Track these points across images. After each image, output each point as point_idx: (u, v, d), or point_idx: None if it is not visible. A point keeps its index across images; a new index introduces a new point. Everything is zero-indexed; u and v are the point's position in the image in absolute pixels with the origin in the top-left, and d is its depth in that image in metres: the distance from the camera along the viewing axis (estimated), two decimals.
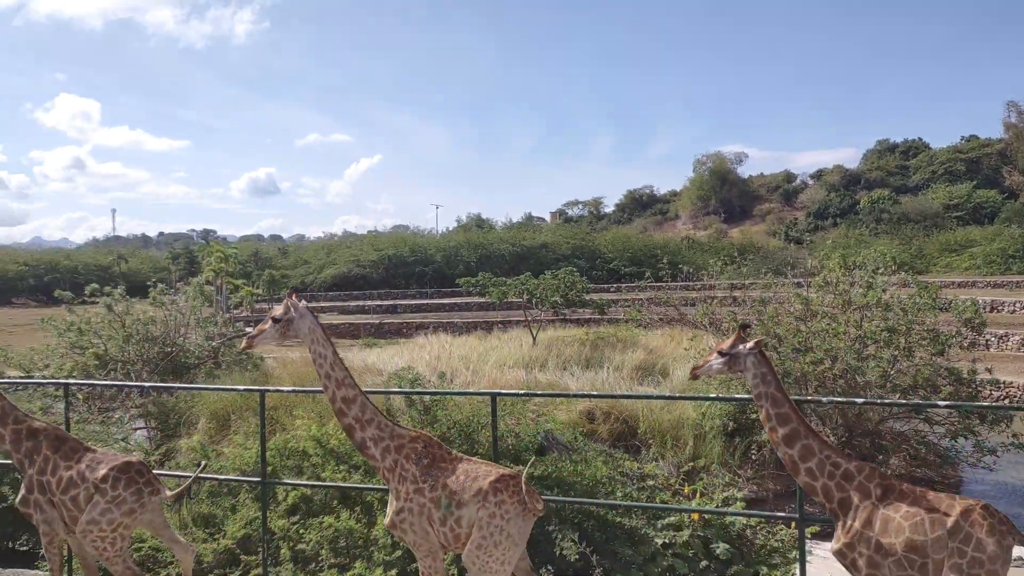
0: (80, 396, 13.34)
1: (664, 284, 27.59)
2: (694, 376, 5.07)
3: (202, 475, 7.83)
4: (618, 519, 7.23)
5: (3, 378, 12.94)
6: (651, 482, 8.61)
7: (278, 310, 5.34)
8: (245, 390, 8.94)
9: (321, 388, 5.23)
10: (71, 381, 9.56)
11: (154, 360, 15.45)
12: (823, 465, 4.58)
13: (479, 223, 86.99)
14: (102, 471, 5.58)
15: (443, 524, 4.94)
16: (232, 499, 7.82)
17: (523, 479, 4.87)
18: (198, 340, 16.87)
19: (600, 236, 72.84)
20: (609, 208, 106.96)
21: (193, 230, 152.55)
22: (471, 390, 11.21)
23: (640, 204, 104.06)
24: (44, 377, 13.52)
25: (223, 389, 11.09)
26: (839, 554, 4.55)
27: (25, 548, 8.52)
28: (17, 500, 5.87)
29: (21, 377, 13.40)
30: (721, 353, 4.88)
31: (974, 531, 4.17)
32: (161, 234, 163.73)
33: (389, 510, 5.14)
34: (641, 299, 23.15)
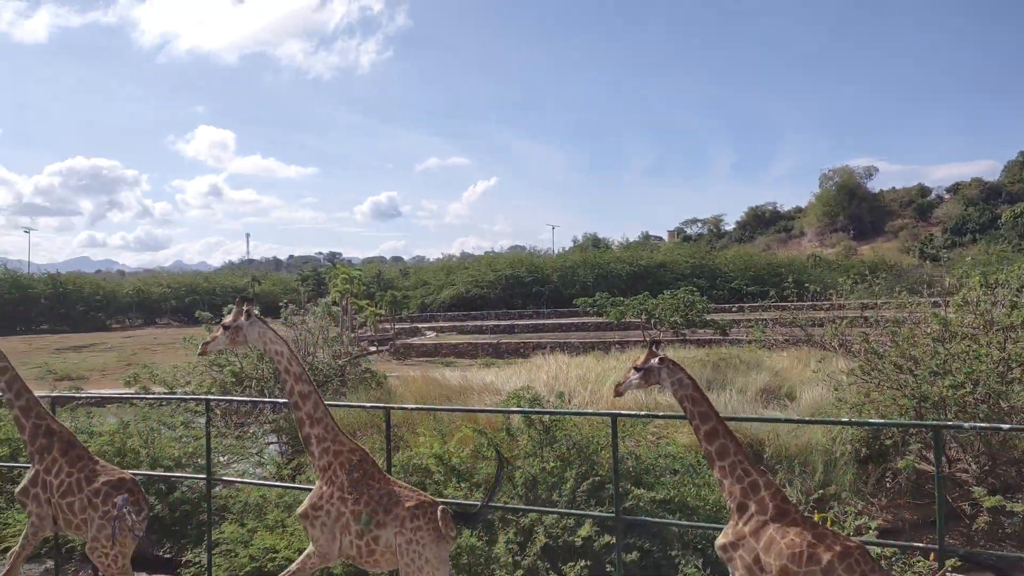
0: (218, 411, 14.05)
1: (789, 304, 26.67)
2: (617, 393, 5.53)
3: None
4: None
5: (149, 394, 13.83)
6: None
7: (228, 318, 5.70)
8: (372, 407, 9.21)
9: (441, 406, 5.47)
10: (211, 397, 10.11)
11: None
12: (735, 467, 4.94)
13: (595, 243, 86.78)
14: (97, 483, 5.92)
15: (359, 538, 5.31)
16: None
17: (439, 511, 5.25)
18: (326, 358, 17.49)
19: (720, 254, 71.34)
20: (730, 226, 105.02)
21: (320, 253, 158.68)
22: (591, 410, 11.15)
23: (762, 221, 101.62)
24: (186, 393, 14.33)
25: (350, 406, 11.44)
26: (722, 548, 4.90)
27: (168, 556, 8.99)
28: (18, 489, 6.26)
29: (165, 393, 14.24)
30: (636, 368, 5.35)
31: (846, 575, 4.38)
32: (291, 257, 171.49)
33: (307, 500, 5.49)
34: (765, 319, 22.48)
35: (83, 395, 13.97)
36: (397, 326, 49.58)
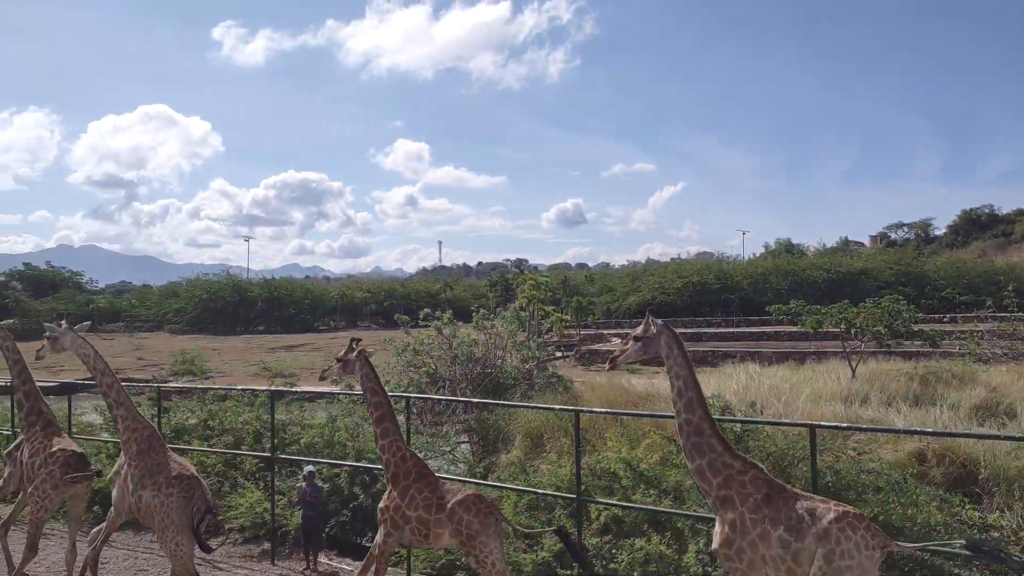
0: (414, 409, 14.74)
1: (1009, 314, 24.42)
2: (322, 377, 7.11)
3: (520, 488, 8.30)
4: (956, 571, 6.54)
5: (352, 391, 14.73)
6: (996, 534, 7.67)
7: (47, 333, 7.22)
8: (561, 409, 9.33)
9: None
10: (411, 395, 10.64)
11: (476, 379, 16.66)
12: (390, 446, 6.40)
13: (789, 248, 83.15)
14: (52, 448, 7.34)
15: (132, 495, 6.54)
16: (548, 513, 8.19)
17: (196, 476, 6.47)
18: (514, 362, 17.91)
19: (929, 261, 66.42)
20: (940, 230, 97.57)
21: (508, 260, 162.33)
22: (786, 420, 10.72)
23: (978, 225, 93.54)
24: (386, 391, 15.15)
25: (540, 408, 11.65)
26: (380, 511, 6.38)
27: (369, 545, 9.51)
28: (6, 451, 7.92)
29: None
30: (338, 359, 6.77)
31: (465, 515, 5.87)
32: (480, 263, 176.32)
33: (115, 466, 6.88)
34: (980, 331, 20.72)
35: (296, 391, 15.15)
36: (582, 332, 49.88)
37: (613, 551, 7.32)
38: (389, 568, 8.42)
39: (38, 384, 8.04)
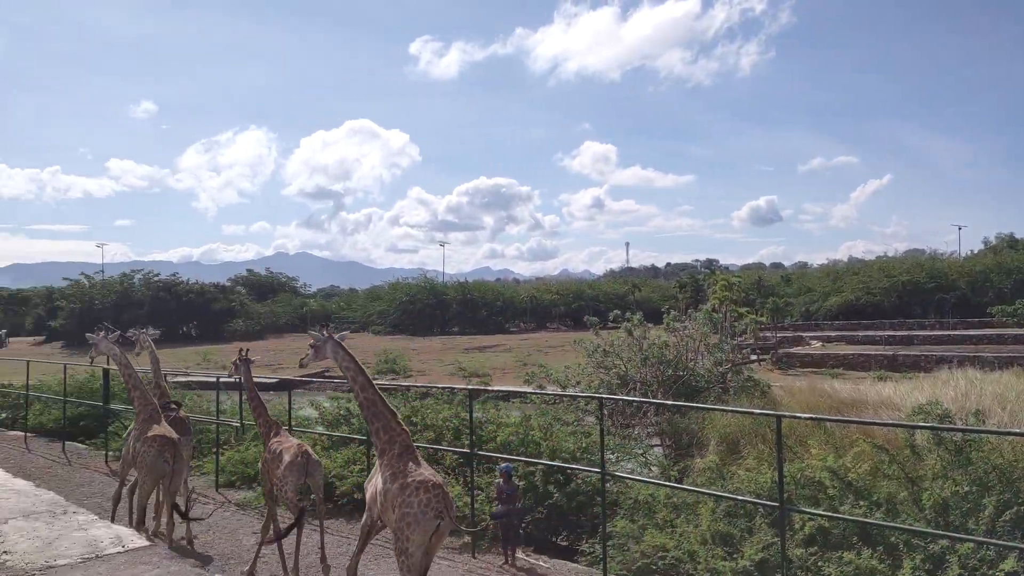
0: (604, 411, 14.75)
1: None
2: (229, 375, 9.26)
3: (719, 494, 8.09)
4: None
5: (546, 391, 14.98)
6: None
7: None
8: (761, 414, 9.01)
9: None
10: (604, 396, 10.64)
11: (667, 382, 16.43)
12: (260, 416, 8.40)
13: (1012, 244, 75.59)
14: (148, 435, 8.65)
15: (131, 446, 8.86)
16: (747, 521, 7.93)
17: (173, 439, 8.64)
18: (707, 365, 17.50)
19: None
20: None
21: (697, 260, 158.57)
22: (1017, 430, 9.76)
23: None
24: (577, 392, 15.29)
25: (738, 411, 11.28)
26: (267, 451, 8.09)
27: (565, 543, 9.61)
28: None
29: (558, 391, 15.32)
30: (233, 363, 8.87)
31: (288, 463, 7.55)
32: (668, 264, 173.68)
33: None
34: None
35: (492, 390, 15.60)
36: (779, 334, 47.86)
37: (819, 563, 6.97)
38: (587, 568, 8.53)
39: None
